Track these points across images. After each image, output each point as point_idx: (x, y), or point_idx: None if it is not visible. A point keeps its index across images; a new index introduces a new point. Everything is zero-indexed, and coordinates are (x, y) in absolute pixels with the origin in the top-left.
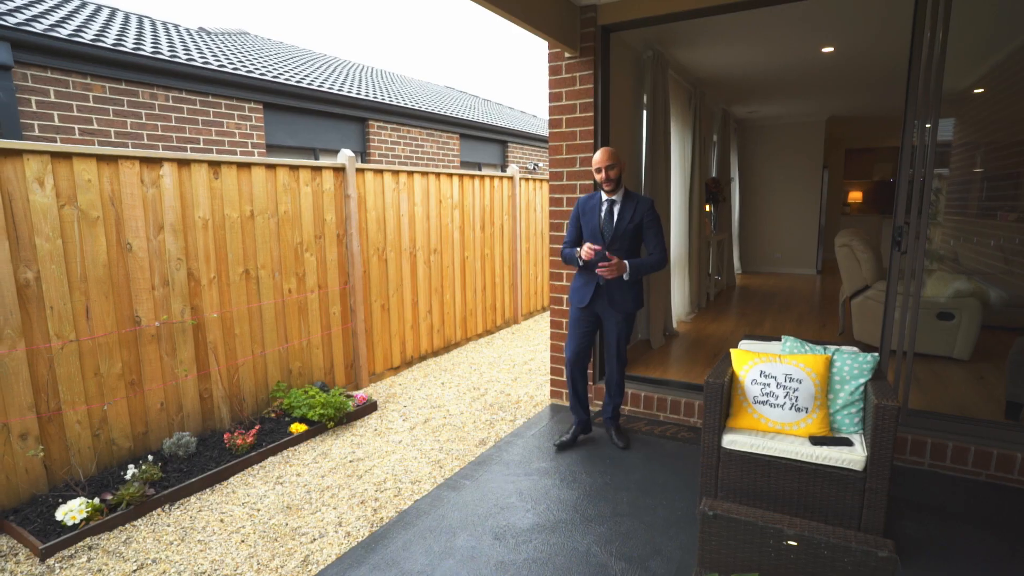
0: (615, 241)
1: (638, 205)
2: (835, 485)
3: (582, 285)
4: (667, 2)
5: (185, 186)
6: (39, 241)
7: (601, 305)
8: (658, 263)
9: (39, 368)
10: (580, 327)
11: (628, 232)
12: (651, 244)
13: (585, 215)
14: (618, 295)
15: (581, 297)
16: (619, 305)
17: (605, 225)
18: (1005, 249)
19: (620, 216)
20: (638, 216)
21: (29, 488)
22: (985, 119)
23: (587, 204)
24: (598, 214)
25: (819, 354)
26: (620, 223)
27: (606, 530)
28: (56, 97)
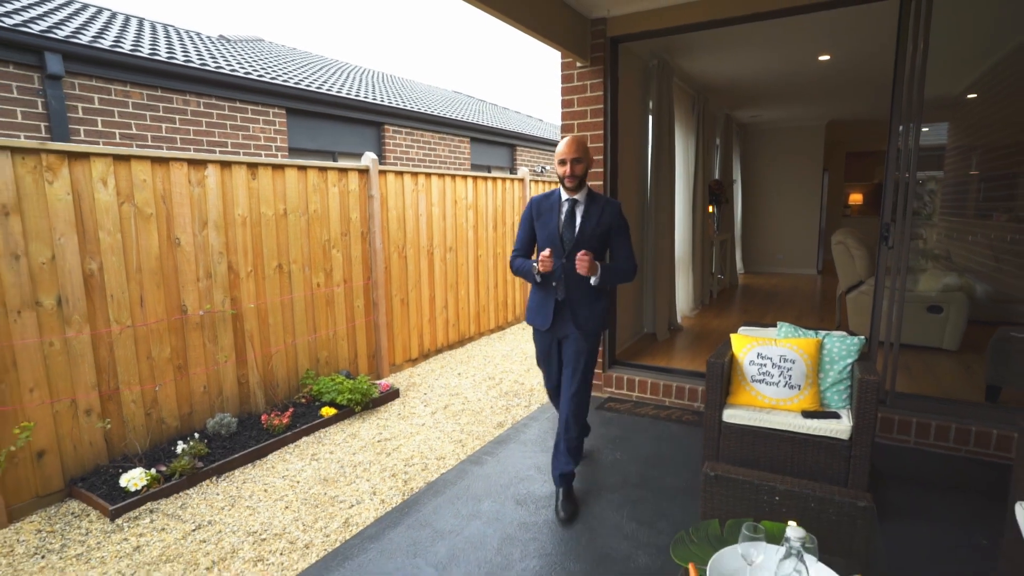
0: (577, 249)
1: (606, 208)
2: (824, 453)
3: (539, 303)
4: (670, 16)
5: (226, 186)
6: (102, 235)
7: (562, 324)
8: (630, 272)
9: (101, 351)
10: (548, 354)
11: (593, 239)
12: (621, 253)
13: (540, 217)
14: (583, 311)
15: (542, 318)
16: (584, 324)
17: (565, 230)
18: (995, 248)
19: (584, 219)
20: (605, 221)
21: (93, 459)
22: (978, 123)
23: (543, 204)
24: (556, 216)
25: (811, 337)
26: (584, 228)
27: (618, 497)
28: (100, 104)
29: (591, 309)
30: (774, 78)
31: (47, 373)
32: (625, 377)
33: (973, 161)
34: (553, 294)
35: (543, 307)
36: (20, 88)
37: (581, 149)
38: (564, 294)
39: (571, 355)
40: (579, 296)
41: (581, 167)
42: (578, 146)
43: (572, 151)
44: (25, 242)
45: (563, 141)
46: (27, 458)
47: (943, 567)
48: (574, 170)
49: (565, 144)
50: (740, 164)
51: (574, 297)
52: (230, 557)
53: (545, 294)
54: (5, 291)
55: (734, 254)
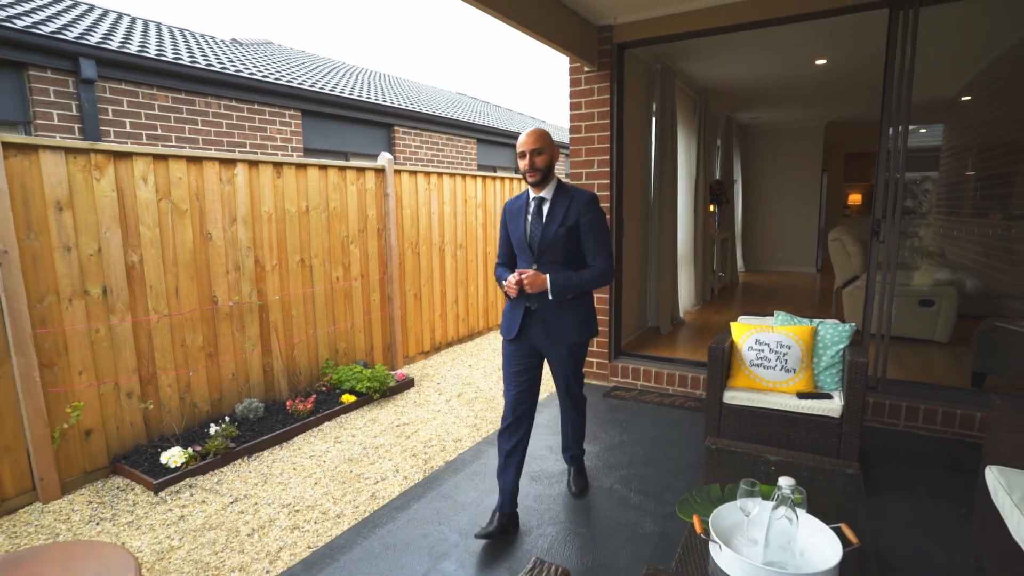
0: (546, 251)
1: (573, 201)
2: (817, 430)
3: (510, 310)
4: (672, 24)
5: (254, 184)
6: (142, 229)
7: (537, 335)
8: (598, 276)
9: (141, 338)
10: (512, 366)
11: (561, 238)
12: (591, 251)
13: (511, 220)
14: (555, 321)
15: (509, 325)
16: (558, 335)
17: (532, 230)
18: (986, 245)
19: (550, 217)
20: (573, 215)
21: (133, 439)
22: (971, 124)
23: (512, 207)
24: (524, 217)
25: (806, 325)
26: (549, 226)
27: (625, 473)
28: (128, 106)
29: (566, 320)
30: (773, 81)
31: (94, 358)
32: (630, 367)
33: (966, 161)
34: (523, 302)
35: (512, 315)
36: (56, 92)
37: (542, 139)
38: (536, 303)
39: (556, 366)
40: (552, 305)
41: (543, 159)
42: (538, 136)
43: (531, 141)
44: (76, 235)
45: (523, 133)
46: (76, 436)
47: (924, 532)
48: (534, 162)
49: (524, 135)
50: (740, 164)
51: (546, 307)
52: (268, 526)
53: (516, 301)
54: (59, 280)
55: (735, 252)
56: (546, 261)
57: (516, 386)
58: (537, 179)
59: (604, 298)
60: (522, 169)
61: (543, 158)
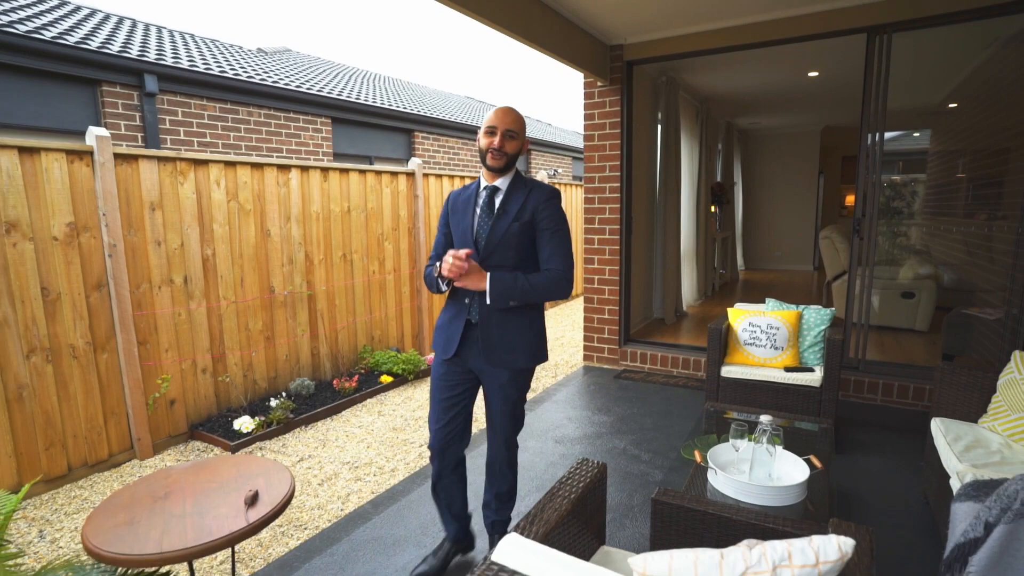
0: (495, 251)
1: (532, 194)
2: (800, 397)
3: (447, 321)
4: (676, 44)
5: (305, 187)
6: (215, 227)
7: (475, 356)
8: (553, 283)
9: (213, 321)
10: (443, 390)
11: (514, 235)
12: (547, 252)
13: (456, 213)
14: (501, 340)
15: (447, 342)
16: (502, 356)
17: (480, 225)
18: (969, 243)
19: (502, 211)
20: (529, 209)
21: (207, 409)
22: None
23: (459, 198)
24: (471, 210)
25: (792, 310)
26: (500, 221)
27: (635, 437)
28: (182, 116)
29: (514, 339)
30: (770, 91)
31: (177, 337)
32: (638, 351)
33: (950, 165)
34: (465, 313)
35: (450, 328)
36: (124, 104)
37: (519, 122)
38: (478, 315)
39: (492, 396)
40: (499, 320)
41: (515, 145)
42: (516, 117)
43: (508, 120)
44: (164, 232)
45: (496, 109)
46: (163, 405)
47: (886, 478)
48: (504, 146)
49: (500, 110)
50: (741, 167)
51: (492, 320)
52: (334, 478)
53: (456, 311)
54: (151, 270)
55: (735, 251)
56: (494, 263)
57: (445, 416)
58: (501, 164)
59: (615, 290)
60: (484, 147)
61: (514, 144)
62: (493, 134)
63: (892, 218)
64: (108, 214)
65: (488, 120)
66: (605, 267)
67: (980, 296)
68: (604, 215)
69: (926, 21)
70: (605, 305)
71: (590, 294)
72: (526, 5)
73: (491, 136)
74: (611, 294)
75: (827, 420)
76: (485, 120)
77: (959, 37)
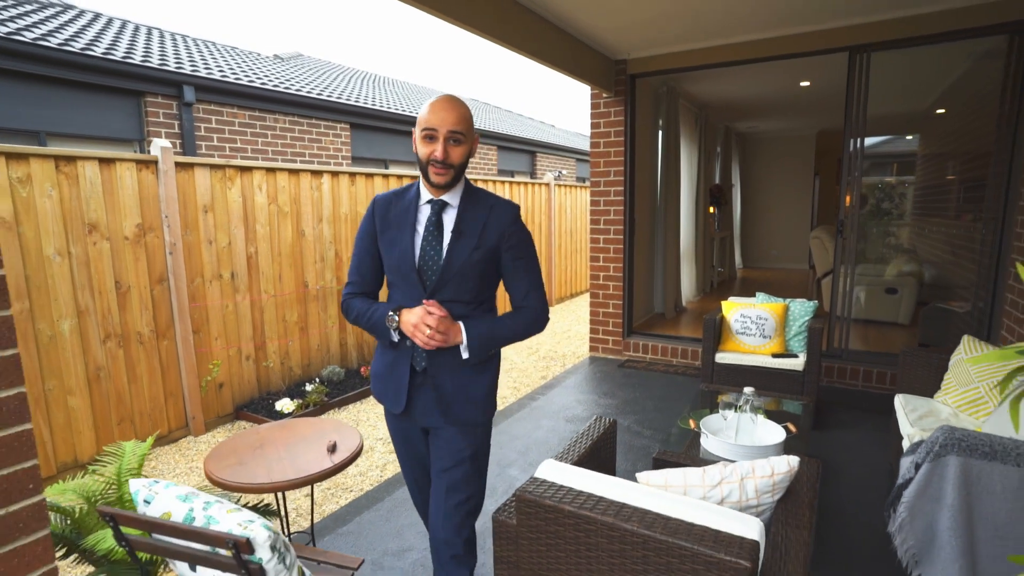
0: (448, 284)
1: (493, 214)
2: (786, 380)
3: (387, 368)
4: (676, 59)
5: (335, 190)
6: (258, 227)
7: (427, 410)
8: (531, 324)
9: (255, 313)
10: (408, 449)
11: (476, 265)
12: (520, 288)
13: (388, 230)
14: (456, 391)
15: (392, 394)
16: (459, 410)
17: (428, 251)
18: (953, 243)
19: (458, 233)
20: (493, 234)
21: (249, 392)
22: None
23: (392, 208)
24: (410, 228)
25: (779, 303)
26: (459, 247)
27: (638, 417)
28: (216, 124)
29: (471, 390)
30: (765, 98)
31: (224, 327)
32: (640, 343)
33: (934, 168)
34: (408, 357)
35: (392, 377)
36: (165, 114)
37: (465, 120)
38: (425, 361)
39: (441, 454)
40: (449, 366)
41: (462, 152)
42: (460, 114)
43: (452, 119)
44: (215, 231)
45: (433, 102)
46: (213, 388)
47: (858, 450)
48: (449, 155)
49: (438, 106)
50: (739, 170)
51: (440, 367)
52: (371, 451)
53: (395, 357)
54: (204, 266)
55: (733, 250)
56: (445, 299)
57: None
58: (447, 180)
59: (619, 286)
60: (423, 157)
61: (461, 150)
62: (433, 139)
63: (882, 219)
64: (170, 216)
65: (424, 119)
66: (610, 265)
67: (957, 291)
68: (609, 216)
69: (900, 43)
70: (609, 300)
71: (595, 290)
72: (543, 30)
73: (431, 143)
74: (615, 290)
75: (808, 399)
76: (420, 117)
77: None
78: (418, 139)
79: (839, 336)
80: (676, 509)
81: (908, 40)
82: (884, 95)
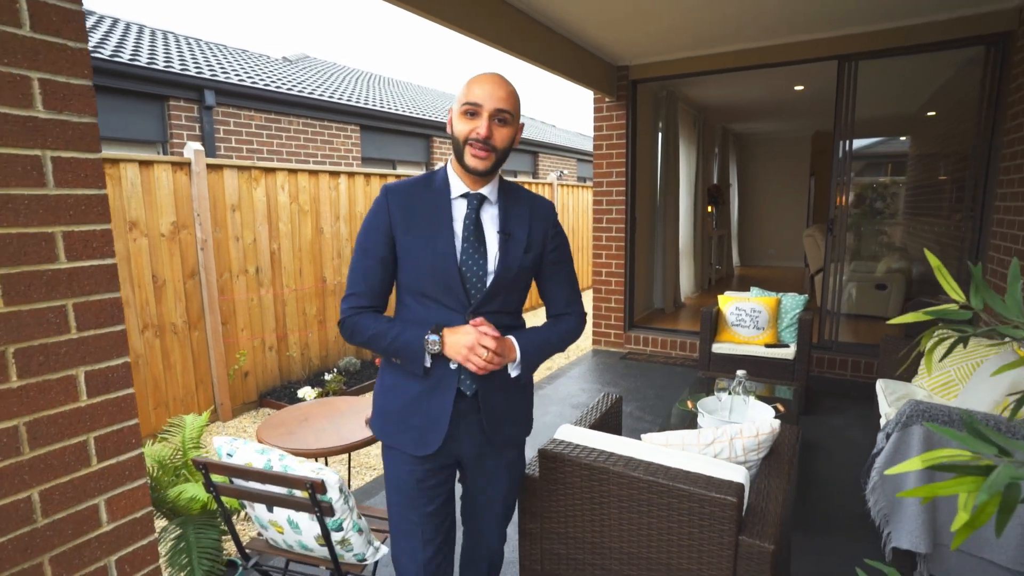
0: (498, 295)
1: (535, 211)
2: (778, 368)
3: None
4: (675, 66)
5: (351, 190)
6: (280, 225)
7: (469, 439)
8: (574, 334)
9: (277, 306)
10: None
11: (526, 272)
12: (562, 295)
13: (415, 228)
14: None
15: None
16: (507, 432)
17: (469, 255)
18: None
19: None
20: (538, 236)
21: (271, 381)
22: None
23: (414, 200)
24: (445, 225)
25: (772, 296)
26: (512, 254)
27: (639, 404)
28: (234, 126)
29: (518, 406)
30: (761, 101)
31: (250, 319)
32: (641, 336)
33: (922, 168)
34: (452, 384)
35: (424, 412)
36: (186, 117)
37: (515, 99)
38: (475, 384)
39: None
40: (500, 385)
41: (507, 135)
42: (510, 91)
43: (499, 96)
44: (241, 229)
45: (477, 76)
46: (239, 377)
47: (845, 432)
48: (493, 135)
49: (484, 79)
50: (736, 170)
51: (490, 388)
52: None
53: (429, 385)
54: (231, 261)
55: (731, 248)
56: (491, 311)
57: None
58: (489, 166)
59: (621, 281)
60: (461, 135)
61: (507, 132)
62: (476, 115)
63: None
64: (201, 214)
65: (466, 93)
66: (612, 261)
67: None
68: (611, 215)
69: (885, 52)
70: (612, 295)
71: (598, 285)
72: (554, 41)
73: (473, 119)
74: (617, 285)
75: (799, 384)
76: (462, 93)
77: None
78: (456, 115)
79: (829, 329)
80: (676, 461)
81: (893, 50)
82: (875, 99)
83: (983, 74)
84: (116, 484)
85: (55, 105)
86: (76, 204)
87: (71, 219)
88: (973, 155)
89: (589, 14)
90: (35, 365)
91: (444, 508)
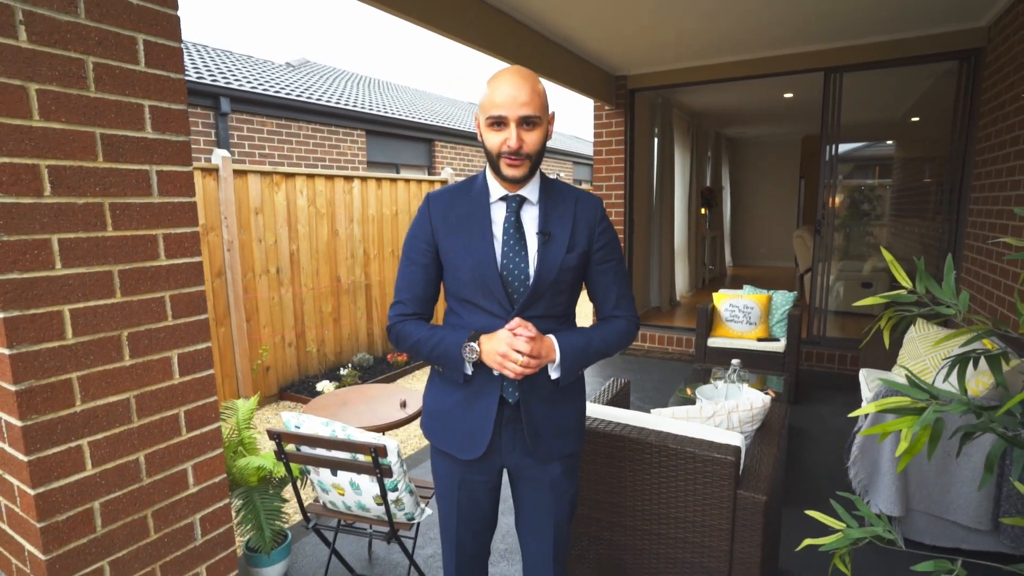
0: (543, 297)
1: (580, 208)
2: (769, 360)
3: (456, 408)
4: (671, 76)
5: (364, 194)
6: (299, 227)
7: (513, 449)
8: (625, 337)
9: (296, 304)
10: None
11: (569, 273)
12: (611, 296)
13: (454, 233)
14: (550, 422)
15: (469, 434)
16: (550, 445)
17: (510, 259)
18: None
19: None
20: (583, 233)
21: (291, 376)
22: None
23: (455, 206)
24: (485, 229)
25: (764, 294)
26: (552, 255)
27: (639, 395)
28: (247, 132)
29: (565, 417)
30: (752, 108)
31: (271, 317)
32: (639, 332)
33: (908, 172)
34: (495, 390)
35: (468, 417)
36: (203, 123)
37: (538, 98)
38: (518, 393)
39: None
40: (541, 389)
41: (537, 137)
42: (533, 90)
43: (522, 100)
44: (263, 231)
45: (497, 79)
46: (261, 371)
47: (831, 420)
48: (523, 144)
49: (505, 82)
50: (728, 173)
51: (532, 393)
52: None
53: (473, 391)
54: (255, 261)
55: (723, 248)
56: (535, 315)
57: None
58: (524, 172)
59: None
60: (493, 149)
61: (537, 135)
62: (503, 125)
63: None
64: (228, 217)
65: (489, 103)
66: None
67: None
68: (611, 217)
69: (867, 65)
70: None
71: None
72: (556, 53)
73: (501, 129)
74: None
75: (788, 375)
76: (484, 101)
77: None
78: (483, 127)
79: (817, 325)
80: (682, 429)
81: (874, 63)
82: (860, 106)
83: (957, 86)
84: (200, 452)
85: (160, 127)
86: (173, 210)
87: (169, 223)
88: (950, 160)
89: (591, 29)
90: (142, 347)
91: (488, 523)
